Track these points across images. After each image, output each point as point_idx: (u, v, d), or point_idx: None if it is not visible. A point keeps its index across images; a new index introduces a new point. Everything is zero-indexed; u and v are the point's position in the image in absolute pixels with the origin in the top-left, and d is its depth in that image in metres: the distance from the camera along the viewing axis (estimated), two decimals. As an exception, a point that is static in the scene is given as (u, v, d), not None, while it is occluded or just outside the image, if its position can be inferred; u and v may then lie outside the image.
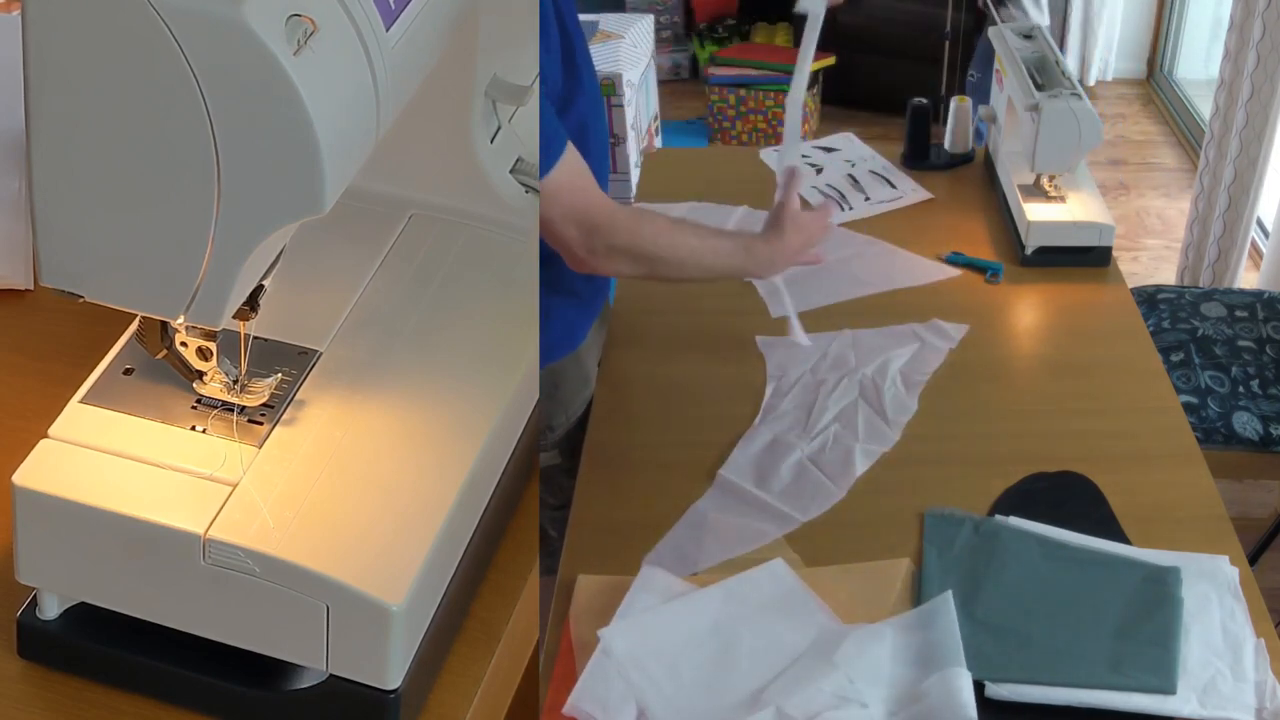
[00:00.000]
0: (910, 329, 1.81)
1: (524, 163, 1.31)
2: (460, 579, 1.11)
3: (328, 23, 0.92)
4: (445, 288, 1.22)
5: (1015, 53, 2.14)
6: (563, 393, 1.71)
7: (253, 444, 1.08)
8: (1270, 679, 1.26)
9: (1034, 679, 1.26)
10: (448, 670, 1.11)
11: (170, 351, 1.09)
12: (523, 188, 1.29)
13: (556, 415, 1.71)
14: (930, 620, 1.31)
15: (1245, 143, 3.21)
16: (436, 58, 1.10)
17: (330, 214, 0.95)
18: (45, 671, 1.09)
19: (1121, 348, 1.81)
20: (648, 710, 1.22)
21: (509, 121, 1.30)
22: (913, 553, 1.42)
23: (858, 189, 2.21)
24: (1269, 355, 2.34)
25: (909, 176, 2.25)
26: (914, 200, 2.19)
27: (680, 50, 5.18)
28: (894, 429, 1.62)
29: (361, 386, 1.13)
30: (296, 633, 1.02)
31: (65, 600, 1.09)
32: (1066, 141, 1.96)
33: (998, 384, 1.74)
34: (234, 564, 1.01)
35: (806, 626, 1.31)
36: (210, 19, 0.86)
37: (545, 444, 1.72)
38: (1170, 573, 1.36)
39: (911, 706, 1.22)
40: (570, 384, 1.72)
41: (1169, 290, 2.55)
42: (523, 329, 1.21)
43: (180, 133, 0.90)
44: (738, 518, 1.47)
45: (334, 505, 1.04)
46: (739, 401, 1.67)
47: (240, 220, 0.94)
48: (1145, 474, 1.55)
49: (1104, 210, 2.02)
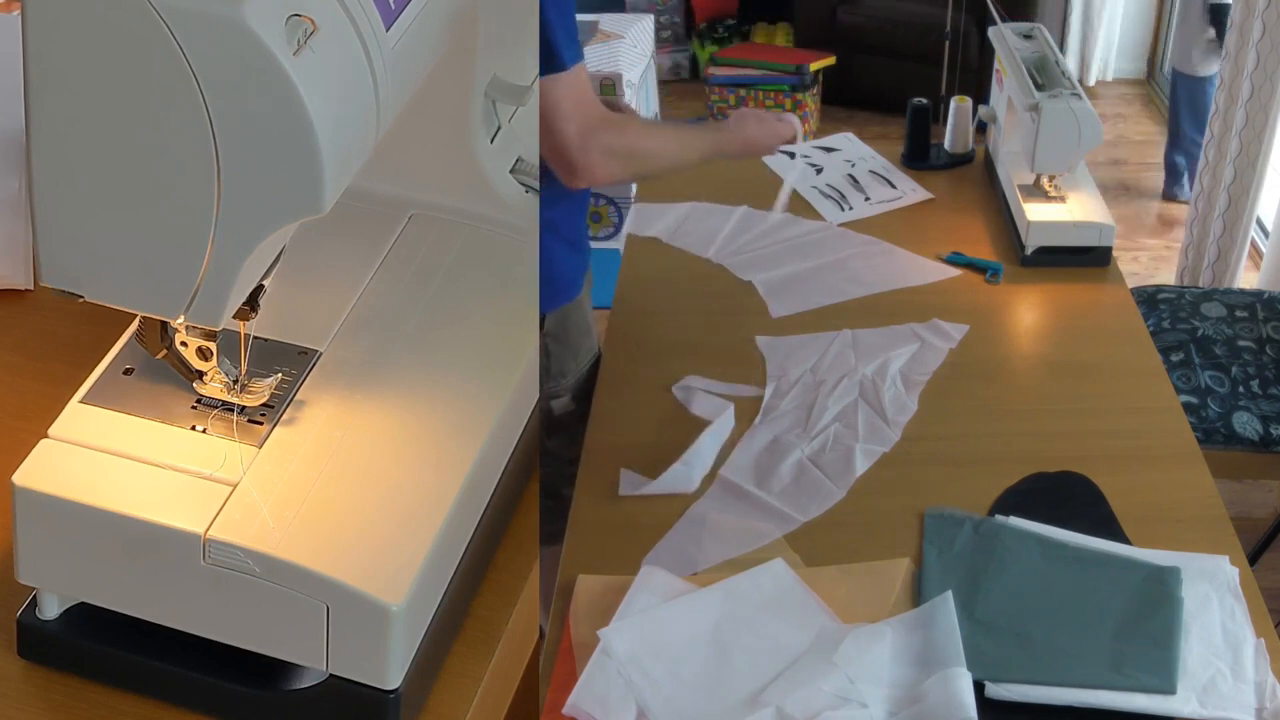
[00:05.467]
0: (910, 329, 1.81)
1: (524, 163, 1.30)
2: (460, 579, 1.11)
3: (328, 23, 0.92)
4: (445, 288, 1.22)
5: (1015, 53, 2.14)
6: (571, 337, 1.78)
7: (253, 444, 1.08)
8: (1270, 679, 1.26)
9: (1034, 679, 1.26)
10: (448, 670, 1.11)
11: (170, 351, 1.09)
12: (523, 188, 1.29)
13: (567, 361, 1.77)
14: (930, 620, 1.31)
15: (1245, 143, 3.21)
16: (436, 58, 1.10)
17: (330, 214, 0.95)
18: (45, 671, 1.09)
19: (1121, 348, 1.81)
20: (648, 710, 1.22)
21: (509, 121, 1.30)
22: (913, 553, 1.42)
23: (858, 189, 2.21)
24: (1269, 355, 2.34)
25: (909, 176, 2.25)
26: (914, 200, 2.19)
27: (680, 50, 5.18)
28: (894, 429, 1.62)
29: (361, 386, 1.13)
30: (296, 633, 1.02)
31: (65, 600, 1.09)
32: (1066, 141, 1.96)
33: (998, 384, 1.74)
34: (234, 564, 1.00)
35: (806, 626, 1.31)
36: (210, 19, 0.86)
37: (559, 390, 1.78)
38: (1170, 573, 1.36)
39: (911, 706, 1.22)
40: (576, 329, 1.79)
41: (1169, 290, 2.55)
42: (523, 329, 1.21)
43: (180, 133, 0.90)
44: (738, 518, 1.47)
45: (334, 505, 1.04)
46: (739, 401, 1.67)
47: (240, 220, 0.94)
48: (1145, 474, 1.55)
49: (1104, 210, 2.02)
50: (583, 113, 1.57)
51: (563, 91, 1.54)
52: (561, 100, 1.54)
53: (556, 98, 1.54)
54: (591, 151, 1.58)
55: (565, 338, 1.77)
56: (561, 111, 1.55)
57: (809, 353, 1.76)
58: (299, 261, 1.09)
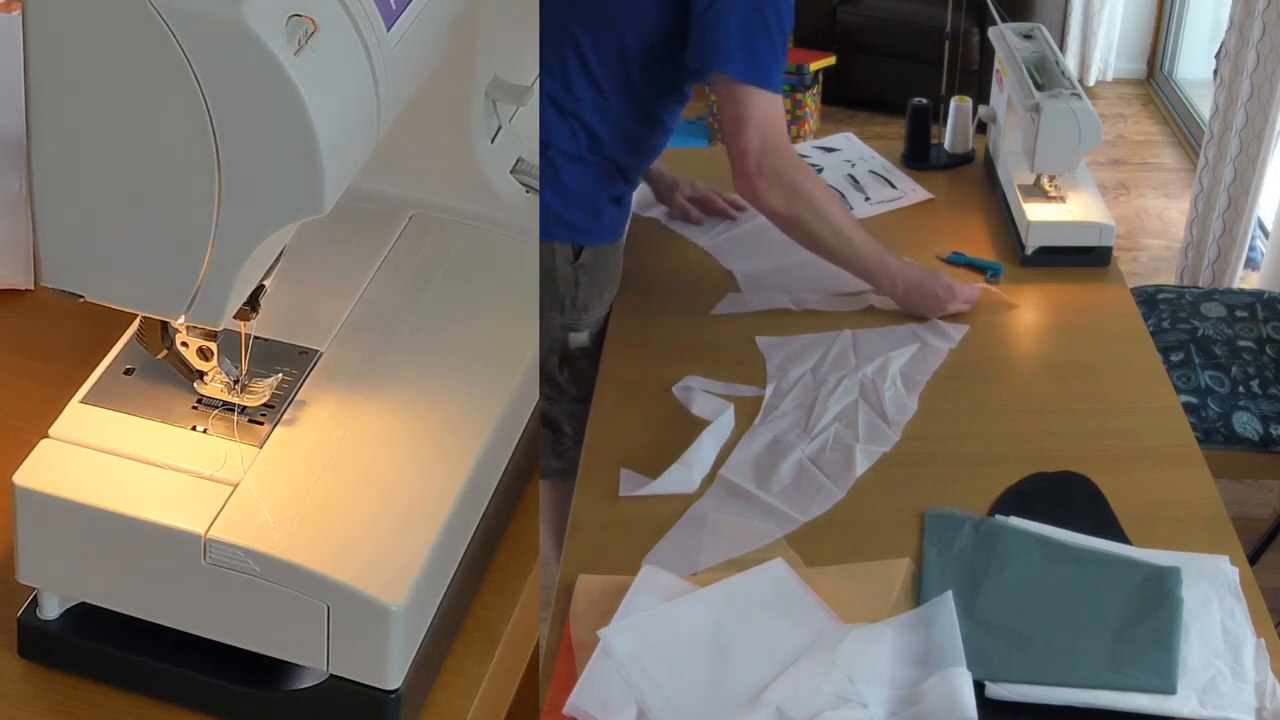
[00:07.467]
0: (910, 329, 1.81)
1: (524, 163, 1.31)
2: (460, 579, 1.11)
3: (328, 23, 0.92)
4: (445, 288, 1.22)
5: (1015, 53, 2.14)
6: (600, 276, 1.83)
7: (253, 444, 1.08)
8: (1270, 679, 1.26)
9: (1034, 679, 1.26)
10: (448, 670, 1.11)
11: (171, 351, 1.09)
12: (523, 188, 1.30)
13: (592, 297, 1.84)
14: (930, 620, 1.31)
15: (1245, 142, 3.22)
16: (436, 58, 1.10)
17: (330, 214, 0.95)
18: (45, 671, 1.09)
19: (1121, 348, 1.81)
20: (648, 710, 1.22)
21: (509, 121, 1.30)
22: (913, 553, 1.42)
23: (858, 189, 2.21)
24: (1269, 355, 2.34)
25: (909, 176, 2.25)
26: (914, 200, 2.19)
27: (680, 50, 5.18)
28: (894, 429, 1.62)
29: (362, 386, 1.13)
30: (296, 633, 1.02)
31: (65, 600, 1.09)
32: (1066, 141, 1.96)
33: (998, 384, 1.74)
34: (234, 564, 1.01)
35: (806, 626, 1.31)
36: (210, 19, 0.86)
37: (579, 325, 1.84)
38: (1170, 573, 1.36)
39: (911, 706, 1.22)
40: (607, 269, 1.85)
41: (1169, 290, 2.55)
42: (523, 329, 1.21)
43: (180, 133, 0.90)
44: (738, 518, 1.47)
45: (334, 505, 1.04)
46: (739, 401, 1.67)
47: (240, 220, 0.94)
48: (1145, 474, 1.55)
49: (1104, 210, 2.02)
50: (771, 133, 1.71)
51: (764, 107, 1.70)
52: (758, 114, 1.69)
53: (754, 110, 1.69)
54: (765, 170, 1.71)
55: (596, 274, 1.82)
56: (755, 123, 1.69)
57: (809, 353, 1.76)
58: (299, 261, 1.09)
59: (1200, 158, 3.45)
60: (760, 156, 1.70)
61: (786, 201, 1.75)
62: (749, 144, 1.70)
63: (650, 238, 2.09)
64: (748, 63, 1.69)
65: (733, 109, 1.71)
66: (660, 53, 1.74)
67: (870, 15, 4.76)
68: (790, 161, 1.75)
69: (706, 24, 1.68)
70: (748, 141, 1.70)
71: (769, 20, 1.67)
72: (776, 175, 1.72)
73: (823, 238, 1.78)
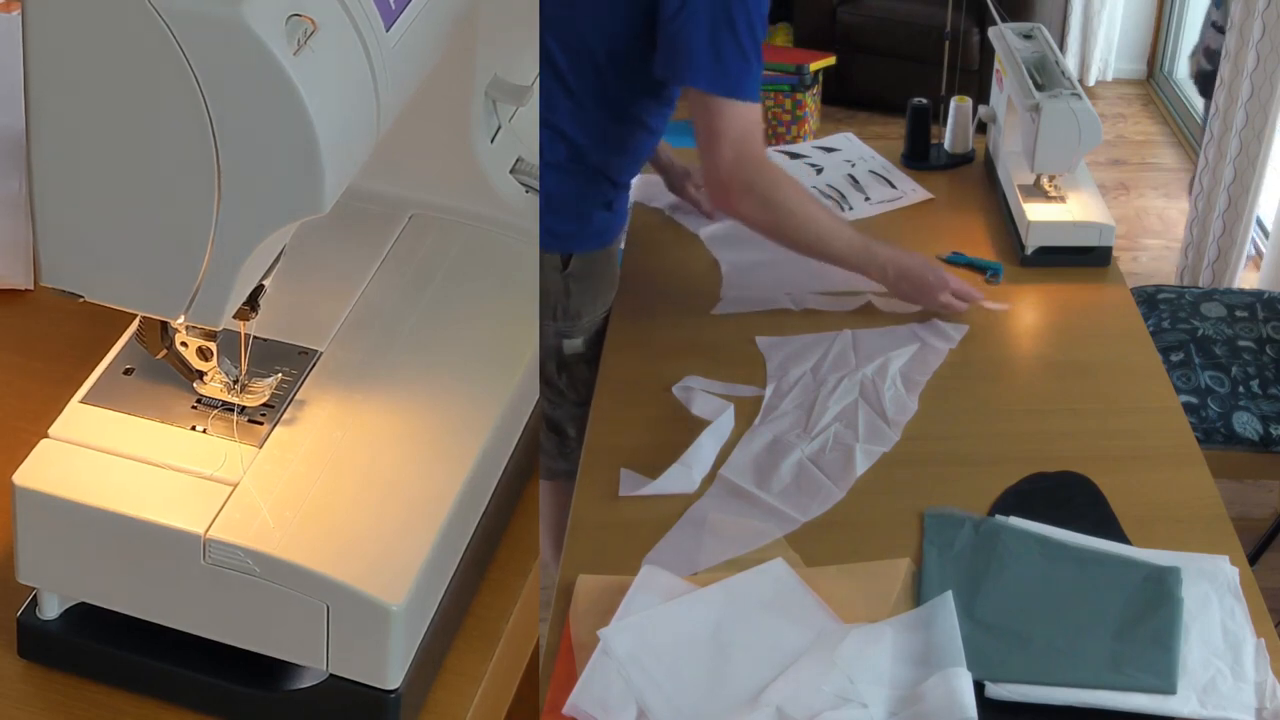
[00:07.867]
0: (910, 329, 1.81)
1: (524, 163, 1.31)
2: (460, 579, 1.11)
3: (328, 22, 0.92)
4: (445, 288, 1.22)
5: (1015, 53, 2.14)
6: (593, 282, 1.82)
7: (253, 444, 1.08)
8: (1270, 679, 1.26)
9: (1034, 679, 1.26)
10: (448, 670, 1.11)
11: (170, 351, 1.09)
12: (523, 188, 1.30)
13: (585, 304, 1.82)
14: (930, 620, 1.31)
15: (1245, 142, 3.22)
16: (436, 58, 1.10)
17: (330, 214, 0.95)
18: (45, 671, 1.09)
19: (1121, 348, 1.81)
20: (648, 710, 1.22)
21: (509, 121, 1.30)
22: (913, 553, 1.42)
23: (858, 189, 2.21)
24: (1269, 355, 2.34)
25: (909, 176, 2.25)
26: (914, 200, 2.19)
27: (680, 50, 5.17)
28: (894, 429, 1.62)
29: (361, 386, 1.13)
30: (296, 633, 1.02)
31: (65, 600, 1.09)
32: (1066, 141, 1.96)
33: (998, 384, 1.74)
34: (234, 564, 1.01)
35: (806, 626, 1.31)
36: (210, 19, 0.86)
37: (572, 331, 1.83)
38: (1170, 573, 1.36)
39: (911, 707, 1.22)
40: (601, 275, 1.84)
41: (1169, 290, 2.55)
42: (523, 329, 1.21)
43: (180, 133, 0.90)
44: (738, 518, 1.47)
45: (334, 505, 1.04)
46: (739, 401, 1.67)
47: (240, 220, 0.94)
48: (1145, 474, 1.55)
49: (1104, 210, 2.02)
50: (744, 147, 1.67)
51: (736, 120, 1.66)
52: (730, 127, 1.66)
53: (726, 124, 1.66)
54: (736, 183, 1.69)
55: (588, 281, 1.81)
56: (727, 138, 1.66)
57: (809, 353, 1.76)
58: (299, 261, 1.09)
59: (1200, 158, 3.45)
60: (733, 169, 1.68)
61: (761, 212, 1.73)
62: (721, 157, 1.68)
63: (652, 233, 2.09)
64: (716, 74, 1.64)
65: (704, 121, 1.68)
66: (632, 60, 1.70)
67: (870, 15, 4.76)
68: (763, 172, 1.72)
69: (673, 33, 1.63)
70: (720, 154, 1.68)
71: (738, 27, 1.62)
72: (748, 187, 1.70)
73: (804, 242, 1.77)
